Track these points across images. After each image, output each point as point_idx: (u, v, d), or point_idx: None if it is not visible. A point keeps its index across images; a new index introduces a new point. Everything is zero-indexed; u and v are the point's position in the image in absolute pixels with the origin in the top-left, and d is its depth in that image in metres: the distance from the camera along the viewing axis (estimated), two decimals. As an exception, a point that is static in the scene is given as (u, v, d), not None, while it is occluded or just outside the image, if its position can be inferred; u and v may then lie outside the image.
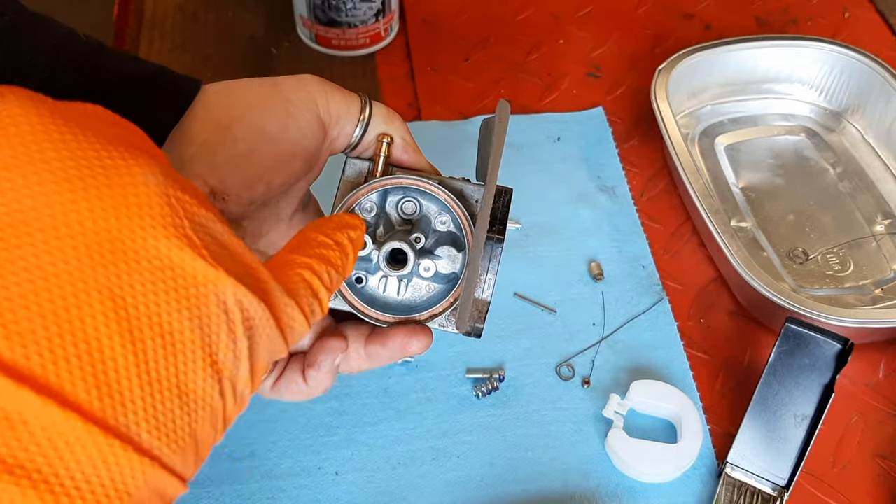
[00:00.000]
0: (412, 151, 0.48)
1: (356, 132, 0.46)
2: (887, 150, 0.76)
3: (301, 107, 0.44)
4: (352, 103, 0.46)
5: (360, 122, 0.46)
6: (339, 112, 0.45)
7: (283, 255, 0.32)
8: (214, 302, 0.25)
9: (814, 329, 0.58)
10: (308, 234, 0.34)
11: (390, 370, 0.61)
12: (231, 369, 0.26)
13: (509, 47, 0.86)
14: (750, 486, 0.56)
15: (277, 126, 0.43)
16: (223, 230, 0.27)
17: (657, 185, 0.75)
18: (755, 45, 0.78)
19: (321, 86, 0.45)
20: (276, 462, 0.56)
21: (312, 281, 0.31)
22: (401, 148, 0.47)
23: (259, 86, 0.44)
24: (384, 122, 0.47)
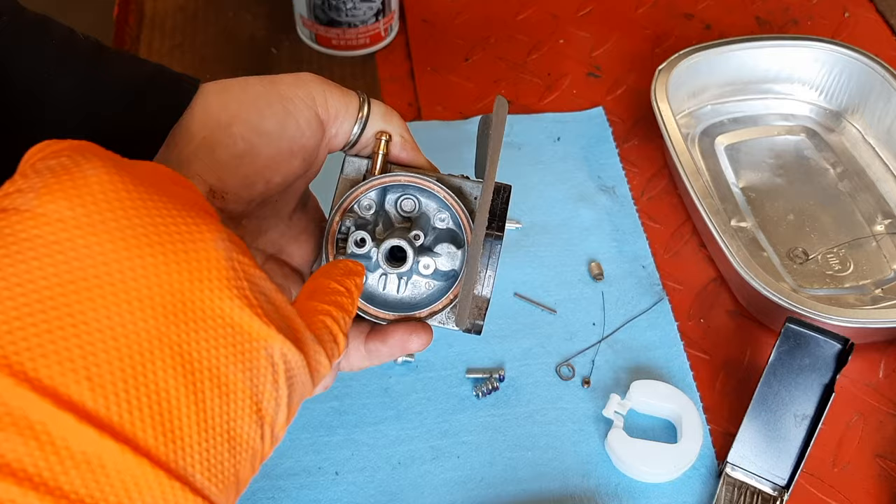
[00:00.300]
0: (410, 149, 0.48)
1: (354, 129, 0.46)
2: (887, 150, 0.76)
3: (299, 105, 0.44)
4: (350, 101, 0.46)
5: (359, 120, 0.46)
6: (337, 110, 0.45)
7: (305, 303, 0.35)
8: (264, 356, 0.29)
9: (814, 329, 0.58)
10: (321, 281, 0.37)
11: (390, 370, 0.61)
12: (272, 415, 0.29)
13: (509, 47, 0.86)
14: (750, 486, 0.56)
15: (276, 124, 0.43)
16: (271, 287, 0.30)
17: (657, 185, 0.75)
18: (755, 45, 0.78)
19: (319, 84, 0.45)
20: (276, 462, 0.56)
21: (333, 327, 0.34)
22: (399, 145, 0.47)
23: (257, 84, 0.44)
24: (382, 120, 0.47)
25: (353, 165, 0.47)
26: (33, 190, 0.26)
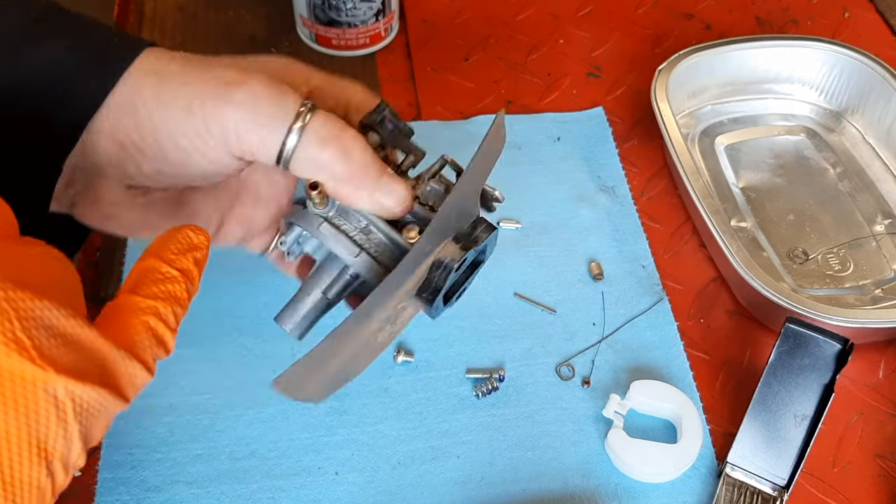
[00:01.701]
0: (348, 190, 0.41)
1: (280, 167, 0.41)
2: (887, 150, 0.76)
3: (210, 142, 0.40)
4: (268, 137, 0.40)
5: (282, 160, 0.40)
6: (252, 150, 0.40)
7: (126, 299, 0.33)
8: (43, 398, 0.28)
9: (814, 329, 0.58)
10: (150, 263, 0.34)
11: (390, 370, 0.61)
12: (62, 451, 0.29)
13: (509, 47, 0.86)
14: (750, 486, 0.56)
15: (183, 161, 0.40)
16: (59, 315, 0.29)
17: (657, 185, 0.75)
18: (755, 45, 0.78)
19: (240, 111, 0.39)
20: (276, 462, 0.56)
21: (157, 327, 0.33)
22: (332, 191, 0.42)
23: (177, 109, 0.39)
24: (311, 162, 0.40)
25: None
26: None
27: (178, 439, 0.57)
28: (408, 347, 0.62)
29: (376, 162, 0.42)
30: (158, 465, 0.56)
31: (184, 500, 0.55)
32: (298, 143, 0.40)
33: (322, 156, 0.40)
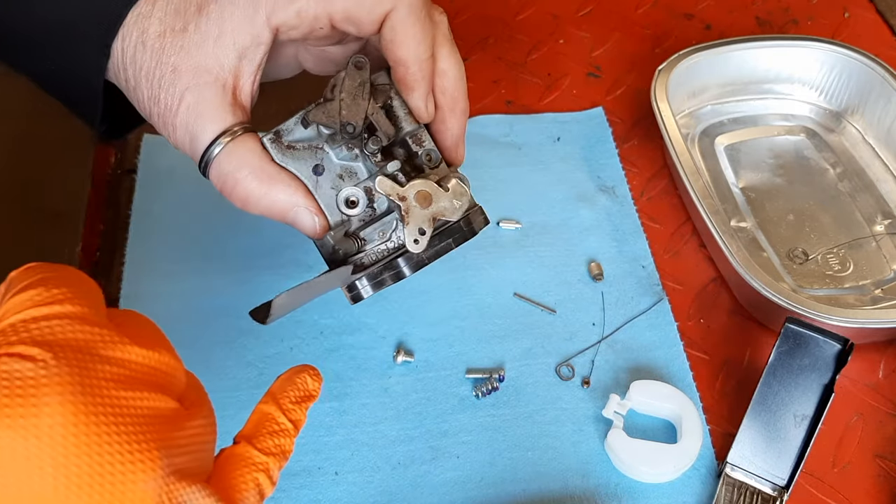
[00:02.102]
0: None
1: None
2: (887, 150, 0.76)
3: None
4: (193, 146, 0.44)
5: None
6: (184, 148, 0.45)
7: (244, 449, 0.36)
8: None
9: (814, 329, 0.58)
10: (269, 410, 0.38)
11: (390, 370, 0.61)
12: None
13: (509, 47, 0.86)
14: (750, 487, 0.56)
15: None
16: (200, 497, 0.32)
17: (657, 185, 0.75)
18: (755, 45, 0.78)
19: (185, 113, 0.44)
20: (276, 462, 0.56)
21: (264, 484, 0.35)
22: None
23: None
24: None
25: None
26: None
27: (177, 439, 0.57)
28: (408, 348, 0.62)
29: (276, 201, 0.44)
30: (158, 465, 0.56)
31: (184, 500, 0.54)
32: (208, 175, 0.44)
33: (228, 198, 0.45)
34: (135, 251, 0.67)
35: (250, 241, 0.68)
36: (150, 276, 0.66)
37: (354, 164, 0.45)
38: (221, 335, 0.62)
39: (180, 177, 0.73)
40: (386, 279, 0.45)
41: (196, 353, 0.62)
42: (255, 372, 0.61)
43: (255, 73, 0.44)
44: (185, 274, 0.66)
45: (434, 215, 0.44)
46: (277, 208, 0.44)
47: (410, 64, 0.45)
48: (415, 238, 0.43)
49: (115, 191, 0.72)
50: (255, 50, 0.43)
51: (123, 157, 0.75)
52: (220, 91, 0.43)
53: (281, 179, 0.44)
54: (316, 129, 0.45)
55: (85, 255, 0.67)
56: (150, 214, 0.70)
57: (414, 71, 0.45)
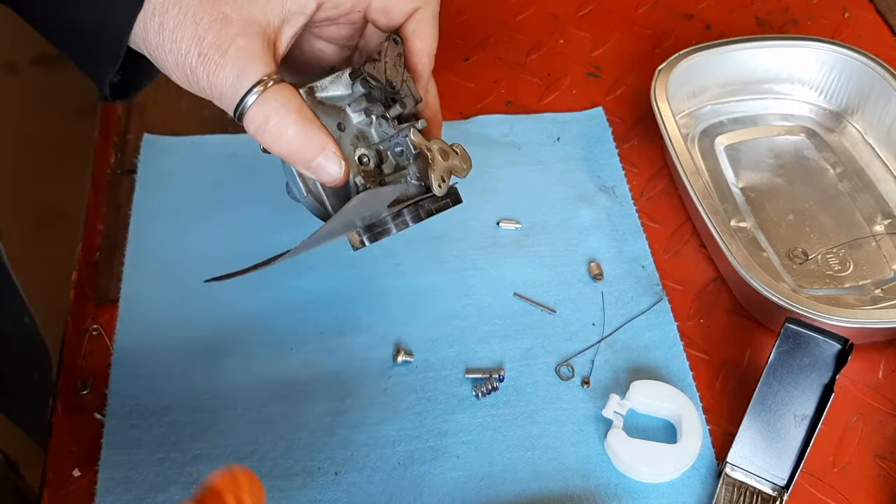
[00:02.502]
0: (290, 160, 0.47)
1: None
2: (887, 150, 0.76)
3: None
4: (228, 95, 0.46)
5: (237, 116, 0.47)
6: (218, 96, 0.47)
7: None
8: None
9: (813, 329, 0.58)
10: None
11: (390, 370, 0.61)
12: None
13: (509, 47, 0.86)
14: (750, 487, 0.56)
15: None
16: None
17: (657, 185, 0.75)
18: (755, 45, 0.78)
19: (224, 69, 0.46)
20: (276, 462, 0.56)
21: None
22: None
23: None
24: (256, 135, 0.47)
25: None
26: None
27: (178, 439, 0.57)
28: (408, 348, 0.62)
29: (309, 143, 0.46)
30: (158, 465, 0.56)
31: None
32: (245, 115, 0.46)
33: (260, 137, 0.46)
34: (135, 251, 0.67)
35: (250, 242, 0.68)
36: (150, 276, 0.66)
37: (368, 129, 0.52)
38: (221, 335, 0.62)
39: (180, 177, 0.73)
40: (399, 223, 0.50)
41: (196, 352, 0.62)
42: (255, 371, 0.61)
43: (292, 38, 0.48)
44: (185, 274, 0.66)
45: (450, 169, 0.50)
46: (309, 149, 0.47)
47: (424, 55, 0.52)
48: (438, 184, 0.49)
49: (115, 191, 0.72)
50: (297, 17, 0.48)
51: (123, 157, 0.75)
52: (266, 42, 0.46)
53: (317, 124, 0.47)
54: (351, 87, 0.51)
55: (85, 255, 0.67)
56: (150, 214, 0.70)
57: (425, 62, 0.53)
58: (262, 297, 0.65)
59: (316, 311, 0.64)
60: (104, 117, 0.77)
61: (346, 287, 0.66)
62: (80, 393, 0.60)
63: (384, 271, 0.67)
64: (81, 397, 0.60)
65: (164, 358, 0.61)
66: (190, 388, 0.60)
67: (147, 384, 0.60)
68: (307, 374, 0.61)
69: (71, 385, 0.60)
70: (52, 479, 0.55)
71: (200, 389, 0.59)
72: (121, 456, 0.56)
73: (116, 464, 0.56)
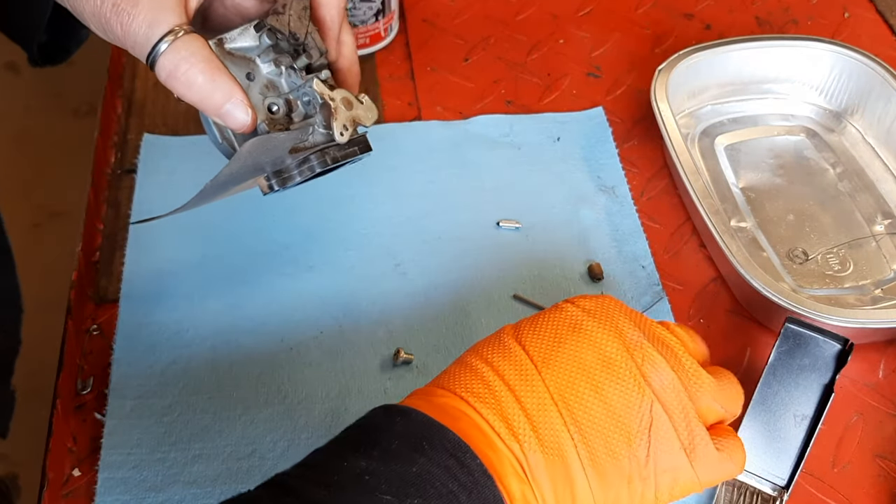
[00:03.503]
0: (200, 106, 0.48)
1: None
2: (887, 151, 0.76)
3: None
4: (139, 43, 0.47)
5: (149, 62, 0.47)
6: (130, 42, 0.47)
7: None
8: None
9: (814, 329, 0.58)
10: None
11: (389, 371, 0.61)
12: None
13: (509, 47, 0.86)
14: (750, 487, 0.56)
15: None
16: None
17: (657, 185, 0.75)
18: (755, 45, 0.78)
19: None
20: (276, 462, 0.56)
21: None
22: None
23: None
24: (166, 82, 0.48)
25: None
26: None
27: (178, 439, 0.57)
28: (407, 348, 0.62)
29: (217, 90, 0.48)
30: (158, 465, 0.56)
31: (183, 500, 0.55)
32: (157, 62, 0.47)
33: (170, 85, 0.48)
34: (135, 251, 0.67)
35: (250, 242, 0.68)
36: (150, 276, 0.66)
37: (278, 79, 0.53)
38: (222, 335, 0.62)
39: (180, 177, 0.73)
40: (304, 170, 0.52)
41: (196, 352, 0.62)
42: (255, 371, 0.61)
43: None
44: (185, 274, 0.66)
45: (353, 118, 0.52)
46: (218, 95, 0.48)
47: (332, 6, 0.54)
48: (340, 132, 0.51)
49: (115, 191, 0.72)
50: None
51: (123, 157, 0.75)
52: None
53: (225, 73, 0.48)
54: (258, 39, 0.52)
55: (85, 255, 0.67)
56: (149, 214, 0.70)
57: (334, 14, 0.54)
58: (262, 297, 0.65)
59: (316, 311, 0.64)
60: (104, 117, 0.77)
61: (346, 287, 0.66)
62: (80, 393, 0.60)
63: (384, 271, 0.67)
64: (81, 397, 0.60)
65: (164, 358, 0.61)
66: (190, 388, 0.60)
67: (147, 384, 0.60)
68: (307, 374, 0.61)
69: (71, 385, 0.60)
70: (52, 479, 0.55)
71: (200, 389, 0.59)
72: (121, 456, 0.56)
73: (116, 464, 0.56)
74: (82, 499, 0.55)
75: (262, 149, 0.49)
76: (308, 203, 0.71)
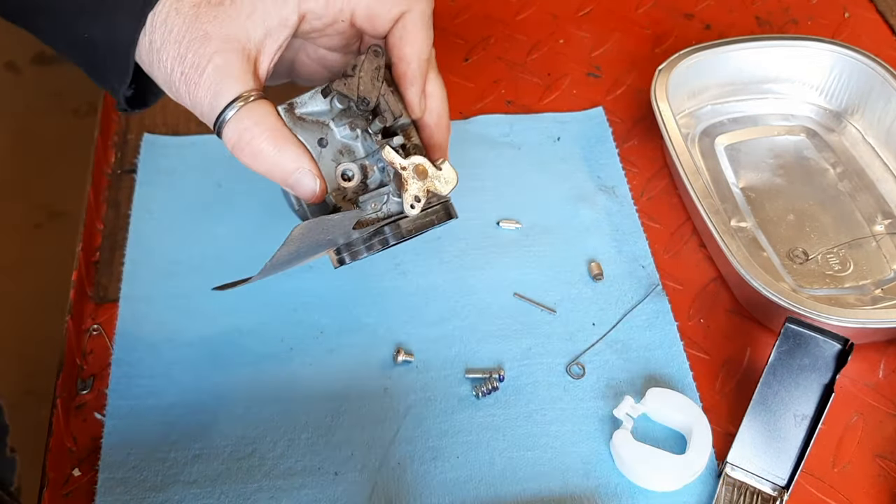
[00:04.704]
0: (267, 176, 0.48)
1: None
2: (887, 150, 0.76)
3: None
4: (207, 112, 0.47)
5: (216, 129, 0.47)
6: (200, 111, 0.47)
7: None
8: None
9: (814, 329, 0.58)
10: None
11: (390, 370, 0.61)
12: None
13: (509, 47, 0.86)
14: (750, 486, 0.56)
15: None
16: None
17: (657, 185, 0.75)
18: (755, 45, 0.78)
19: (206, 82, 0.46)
20: (276, 462, 0.56)
21: None
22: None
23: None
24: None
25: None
26: None
27: (178, 439, 0.57)
28: (408, 348, 0.62)
29: (285, 159, 0.47)
30: (158, 465, 0.56)
31: (184, 500, 0.55)
32: (223, 132, 0.46)
33: (237, 154, 0.47)
34: (135, 251, 0.67)
35: (250, 242, 0.68)
36: (150, 276, 0.66)
37: (354, 143, 0.50)
38: (222, 335, 0.63)
39: (180, 177, 0.73)
40: (375, 244, 0.50)
41: (196, 352, 0.62)
42: (255, 371, 0.61)
43: (276, 52, 0.48)
44: (185, 274, 0.66)
45: (428, 188, 0.49)
46: (284, 166, 0.47)
47: (413, 60, 0.50)
48: (411, 204, 0.48)
49: (115, 191, 0.72)
50: (280, 30, 0.47)
51: (123, 157, 0.75)
52: (245, 59, 0.46)
53: (292, 141, 0.47)
54: (329, 103, 0.49)
55: (85, 255, 0.67)
56: (150, 214, 0.70)
57: (414, 67, 0.51)
58: (262, 297, 0.65)
59: (316, 311, 0.64)
60: (104, 117, 0.77)
61: (346, 287, 0.66)
62: (80, 393, 0.60)
63: (384, 271, 0.67)
64: (81, 397, 0.60)
65: (164, 358, 0.61)
66: (190, 387, 0.60)
67: (147, 384, 0.60)
68: (307, 374, 0.61)
69: (71, 385, 0.60)
70: (52, 479, 0.55)
71: (200, 389, 0.59)
72: (121, 456, 0.56)
73: (116, 464, 0.56)
74: (82, 499, 0.55)
75: (315, 230, 0.47)
76: (308, 203, 0.71)
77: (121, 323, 0.63)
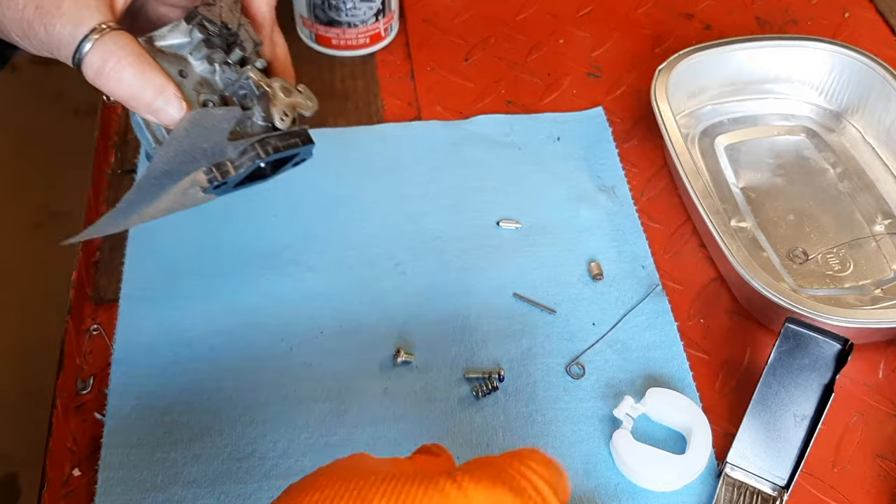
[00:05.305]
0: (129, 105, 0.47)
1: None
2: (887, 150, 0.76)
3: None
4: (66, 42, 0.46)
5: (74, 62, 0.46)
6: (55, 45, 0.46)
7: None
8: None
9: (813, 329, 0.58)
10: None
11: (390, 371, 0.61)
12: None
13: (509, 47, 0.86)
14: (750, 487, 0.56)
15: None
16: None
17: (657, 185, 0.75)
18: (755, 45, 0.78)
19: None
20: (276, 462, 0.56)
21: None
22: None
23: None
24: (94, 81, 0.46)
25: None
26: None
27: (178, 439, 0.57)
28: (407, 348, 0.62)
29: (148, 85, 0.46)
30: (158, 465, 0.56)
31: (183, 500, 0.55)
32: (83, 61, 0.46)
33: (99, 82, 0.46)
34: (135, 251, 0.67)
35: (250, 242, 0.68)
36: (150, 276, 0.66)
37: (212, 76, 0.51)
38: (222, 335, 0.62)
39: (180, 177, 0.73)
40: (245, 160, 0.49)
41: (196, 352, 0.62)
42: (255, 371, 0.61)
43: None
44: (185, 274, 0.66)
45: (293, 105, 0.51)
46: (149, 91, 0.47)
47: (262, 4, 0.53)
48: (280, 117, 0.50)
49: (115, 191, 0.72)
50: None
51: (123, 157, 0.75)
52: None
53: (156, 67, 0.47)
54: (189, 33, 0.50)
55: (85, 255, 0.67)
56: (150, 214, 0.70)
57: (264, 10, 0.53)
58: (262, 297, 0.65)
59: (316, 311, 0.64)
60: (104, 117, 0.77)
61: (346, 287, 0.66)
62: (80, 393, 0.60)
63: (384, 271, 0.67)
64: (81, 397, 0.60)
65: (164, 358, 0.61)
66: (190, 388, 0.60)
67: (147, 384, 0.60)
68: (307, 374, 0.61)
69: (71, 385, 0.60)
70: (52, 479, 0.55)
71: (200, 389, 0.59)
72: (121, 456, 0.56)
73: (116, 464, 0.56)
74: (82, 499, 0.55)
75: (199, 127, 0.47)
76: (308, 203, 0.71)
77: (121, 323, 0.63)
